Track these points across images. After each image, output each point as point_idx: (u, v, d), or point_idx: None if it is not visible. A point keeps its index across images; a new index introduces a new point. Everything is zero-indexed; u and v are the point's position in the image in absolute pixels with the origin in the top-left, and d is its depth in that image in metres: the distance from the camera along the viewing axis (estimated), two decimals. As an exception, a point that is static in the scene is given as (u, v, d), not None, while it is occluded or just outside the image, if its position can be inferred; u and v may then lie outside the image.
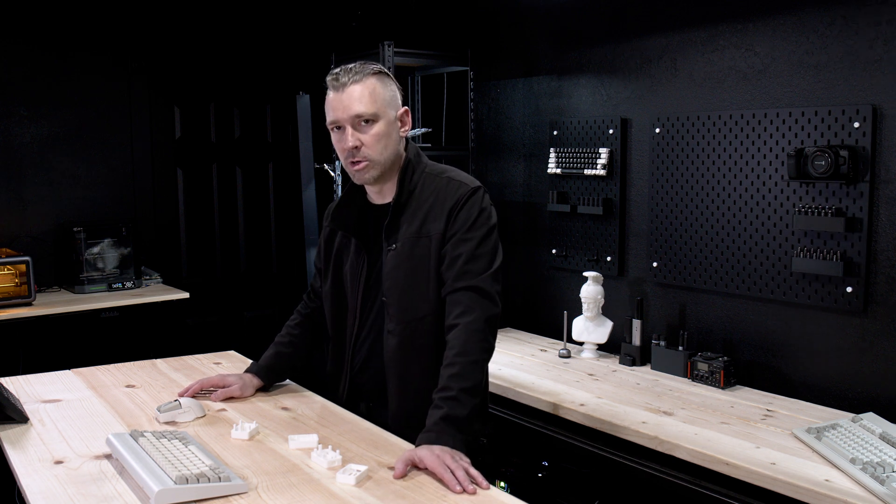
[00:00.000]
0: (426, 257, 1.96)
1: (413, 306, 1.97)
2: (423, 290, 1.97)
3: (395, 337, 1.99)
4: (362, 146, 1.95)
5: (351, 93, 1.93)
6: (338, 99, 1.95)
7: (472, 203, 1.97)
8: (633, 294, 3.21)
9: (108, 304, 3.79)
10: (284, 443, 1.87)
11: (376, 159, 1.97)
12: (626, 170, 3.25)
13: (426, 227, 1.98)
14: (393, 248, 2.00)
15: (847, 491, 1.89)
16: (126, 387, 2.33)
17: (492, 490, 1.62)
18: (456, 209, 1.97)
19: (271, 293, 4.81)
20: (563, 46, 3.51)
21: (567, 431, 2.59)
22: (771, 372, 2.75)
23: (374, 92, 1.95)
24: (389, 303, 2.00)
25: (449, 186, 2.01)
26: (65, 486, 1.61)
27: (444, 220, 1.96)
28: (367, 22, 4.42)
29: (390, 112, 1.98)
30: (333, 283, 2.14)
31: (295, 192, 4.78)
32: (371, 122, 1.95)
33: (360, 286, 2.07)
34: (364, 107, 1.93)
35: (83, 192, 4.22)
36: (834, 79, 2.55)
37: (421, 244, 1.97)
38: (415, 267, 1.97)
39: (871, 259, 2.48)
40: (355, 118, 1.94)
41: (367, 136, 1.95)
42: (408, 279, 1.97)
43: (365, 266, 2.06)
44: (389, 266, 2.00)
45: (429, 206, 1.99)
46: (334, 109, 1.96)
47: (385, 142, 1.97)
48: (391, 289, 1.99)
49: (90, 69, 4.21)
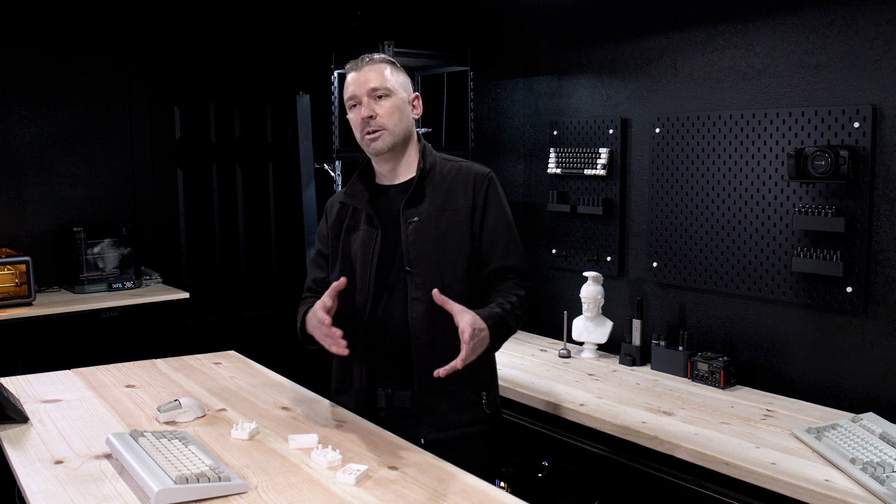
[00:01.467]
0: (454, 228, 2.09)
1: (440, 275, 2.06)
2: (451, 260, 2.08)
3: (423, 304, 2.03)
4: (377, 116, 2.07)
5: (368, 71, 2.10)
6: (355, 77, 2.11)
7: (496, 186, 2.16)
8: (633, 294, 3.21)
9: (108, 304, 3.79)
10: (284, 443, 1.87)
11: (391, 129, 2.09)
12: (626, 170, 3.25)
13: (450, 202, 2.11)
14: (416, 220, 2.08)
15: (847, 491, 1.89)
16: (126, 387, 2.33)
17: (492, 490, 1.62)
18: (480, 188, 2.12)
19: (271, 293, 4.81)
20: (563, 46, 3.51)
21: (567, 431, 2.59)
22: (771, 372, 2.75)
23: (389, 72, 2.12)
24: (416, 272, 2.05)
25: (467, 169, 2.16)
26: (65, 486, 1.61)
27: (471, 196, 2.11)
28: (367, 22, 4.42)
29: (403, 92, 2.13)
30: (342, 263, 2.15)
31: (295, 192, 4.78)
32: (385, 97, 2.09)
33: (372, 260, 2.09)
34: (379, 82, 2.09)
35: (83, 192, 4.22)
36: (834, 79, 2.55)
37: (446, 217, 2.09)
38: (442, 237, 2.08)
39: (871, 259, 2.48)
40: (371, 91, 2.08)
41: (382, 108, 2.08)
42: (436, 249, 2.07)
43: (378, 240, 2.10)
44: (413, 237, 2.07)
45: (448, 185, 2.13)
46: (352, 86, 2.11)
47: (399, 115, 2.10)
48: (417, 258, 2.06)
49: (90, 69, 4.21)
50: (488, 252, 2.11)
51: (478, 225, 2.11)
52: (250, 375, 2.47)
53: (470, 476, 1.69)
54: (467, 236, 2.09)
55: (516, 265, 2.13)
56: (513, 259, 2.13)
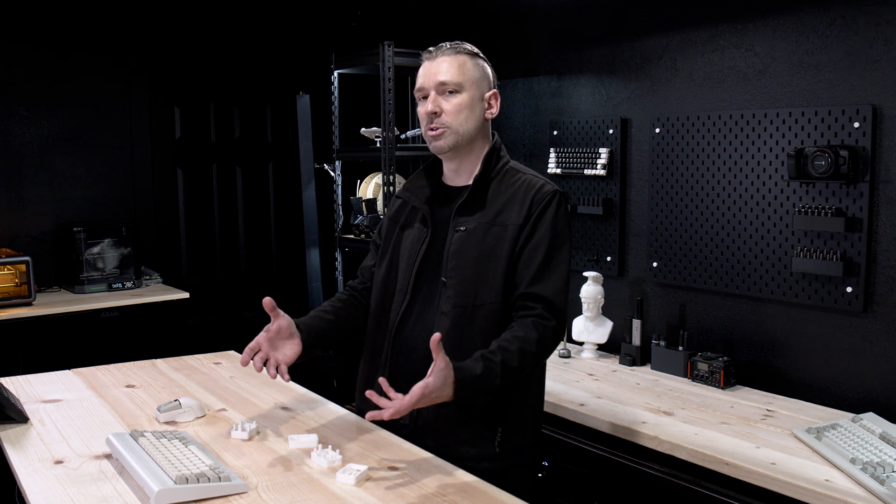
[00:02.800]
0: (499, 247, 1.93)
1: (474, 292, 1.92)
2: (488, 279, 1.92)
3: (449, 320, 1.91)
4: (442, 113, 1.95)
5: (440, 62, 1.97)
6: (427, 68, 1.99)
7: (555, 206, 1.96)
8: (633, 294, 3.21)
9: (108, 304, 3.79)
10: (284, 443, 1.86)
11: (455, 128, 1.96)
12: (626, 170, 3.25)
13: (502, 217, 1.95)
14: (462, 229, 1.95)
15: (847, 491, 1.89)
16: (126, 387, 2.33)
17: (492, 490, 1.62)
18: (537, 206, 1.94)
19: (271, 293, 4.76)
20: (563, 46, 3.51)
21: (567, 431, 2.59)
22: (771, 372, 2.75)
23: (462, 65, 1.98)
24: (449, 284, 1.93)
25: (532, 182, 1.99)
26: (65, 486, 1.61)
27: (525, 214, 1.94)
28: (367, 22, 4.42)
29: (476, 89, 1.99)
30: (391, 259, 2.06)
31: (295, 192, 4.78)
32: (455, 93, 1.96)
33: (416, 262, 1.99)
34: (449, 76, 1.95)
35: (83, 192, 4.22)
36: (834, 79, 2.55)
37: (493, 232, 1.94)
38: (485, 253, 1.93)
39: (871, 259, 2.48)
40: (440, 85, 1.96)
41: (449, 104, 1.96)
42: (475, 264, 1.93)
43: (426, 242, 1.99)
44: (456, 247, 1.95)
45: (508, 196, 1.97)
46: (422, 76, 1.99)
47: (466, 114, 1.97)
48: (454, 270, 1.93)
49: (90, 69, 4.21)
50: (521, 274, 1.92)
51: (520, 245, 1.92)
52: (250, 375, 2.47)
53: (470, 476, 1.69)
54: (508, 254, 1.92)
55: (545, 295, 1.89)
56: (542, 287, 1.90)
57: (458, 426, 1.90)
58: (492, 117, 2.04)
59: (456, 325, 1.90)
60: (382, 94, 3.57)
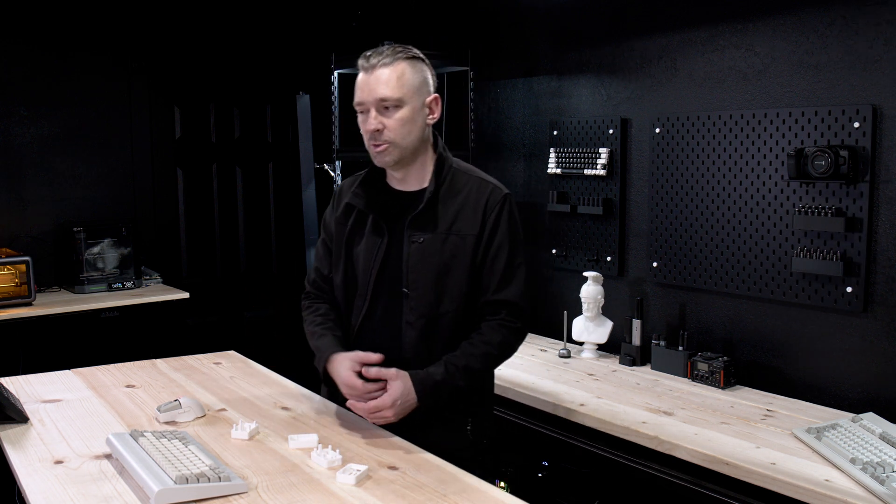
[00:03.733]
0: (458, 257, 1.98)
1: (437, 302, 1.98)
2: (450, 288, 1.98)
3: (415, 330, 1.98)
4: (385, 129, 1.94)
5: (379, 76, 1.93)
6: (365, 81, 1.95)
7: (507, 211, 2.02)
8: (633, 294, 3.21)
9: (108, 304, 3.79)
10: (284, 443, 1.87)
11: (398, 143, 1.96)
12: (626, 170, 3.25)
13: (457, 226, 1.99)
14: (420, 241, 1.99)
15: (847, 491, 1.89)
16: (126, 387, 2.33)
17: (492, 490, 1.62)
18: (491, 213, 2.00)
19: (271, 293, 4.80)
20: (563, 46, 3.51)
21: (567, 431, 2.59)
22: (771, 372, 2.75)
23: (401, 76, 1.93)
24: (412, 296, 1.98)
25: (481, 187, 2.03)
26: (65, 486, 1.61)
27: (479, 222, 1.99)
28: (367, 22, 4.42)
29: (417, 98, 1.96)
30: (346, 263, 2.08)
31: (295, 192, 4.78)
32: (396, 108, 1.94)
33: (374, 268, 2.02)
34: (389, 91, 1.92)
35: (83, 192, 4.22)
36: (834, 79, 2.55)
37: (451, 241, 1.98)
38: (444, 264, 1.98)
39: (871, 259, 2.48)
40: (379, 102, 1.93)
41: (391, 120, 1.94)
42: (436, 275, 1.97)
43: (383, 247, 2.01)
44: (415, 259, 1.98)
45: (459, 204, 2.00)
46: (361, 91, 1.96)
47: (409, 127, 1.96)
48: (416, 282, 1.98)
49: (90, 69, 4.21)
50: (485, 283, 1.99)
51: (481, 253, 1.99)
52: (250, 375, 2.47)
53: (470, 476, 1.69)
54: (469, 264, 1.98)
55: (510, 299, 1.99)
56: (507, 293, 1.99)
57: (434, 420, 1.98)
58: (433, 122, 2.03)
59: (422, 335, 1.98)
60: (382, 94, 3.56)
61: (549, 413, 2.64)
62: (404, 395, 1.87)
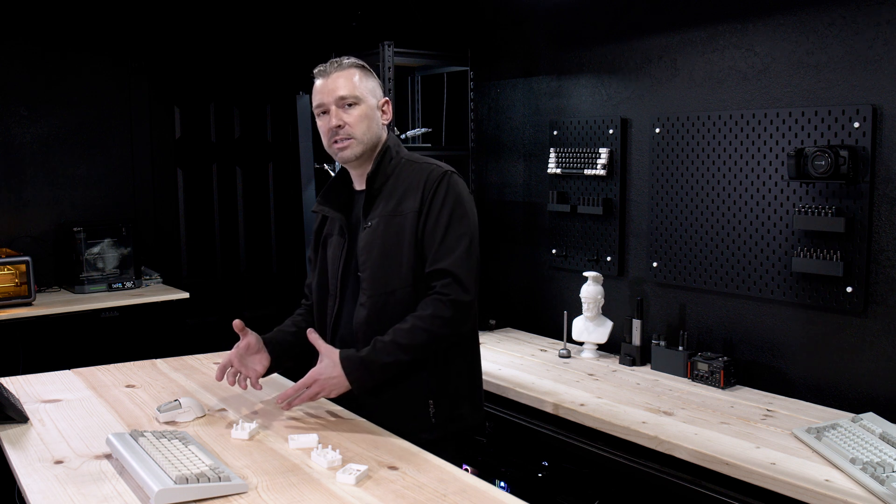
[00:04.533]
0: (400, 234, 2.05)
1: (385, 280, 2.05)
2: (395, 265, 2.05)
3: (365, 309, 2.06)
4: (346, 125, 2.08)
5: (336, 78, 2.11)
6: (323, 85, 2.12)
7: (445, 185, 2.08)
8: (633, 294, 3.21)
9: (108, 304, 3.79)
10: (284, 443, 1.87)
11: (359, 138, 2.09)
12: (626, 170, 3.25)
13: (401, 206, 2.08)
14: (368, 225, 2.09)
15: (847, 491, 1.89)
16: (126, 387, 2.33)
17: (492, 490, 1.62)
18: (430, 188, 2.07)
19: (271, 293, 4.81)
20: (562, 46, 3.51)
21: (567, 431, 2.59)
22: (771, 372, 2.75)
23: (356, 78, 2.11)
24: (363, 277, 2.07)
25: (423, 169, 2.12)
26: (65, 486, 1.61)
27: (419, 198, 2.07)
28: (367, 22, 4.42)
29: (371, 98, 2.12)
30: (321, 270, 2.21)
31: (295, 192, 4.78)
32: (354, 105, 2.09)
33: (339, 266, 2.14)
34: (347, 90, 2.08)
35: (83, 192, 4.22)
36: (834, 79, 2.55)
37: (395, 221, 2.07)
38: (389, 243, 2.06)
39: (871, 259, 2.48)
40: (339, 100, 2.08)
41: (351, 116, 2.08)
42: (382, 254, 2.06)
43: (346, 246, 2.14)
44: (364, 242, 2.09)
45: (405, 187, 2.10)
46: (320, 94, 2.12)
47: (368, 123, 2.10)
48: (365, 263, 2.07)
49: (90, 69, 4.21)
50: (428, 255, 2.04)
51: (421, 227, 2.04)
52: (250, 375, 2.47)
53: (470, 476, 1.69)
54: (412, 239, 2.04)
55: (445, 268, 2.00)
56: (443, 262, 2.00)
57: (393, 404, 2.06)
58: (387, 122, 2.18)
59: (372, 313, 2.05)
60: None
61: (549, 413, 2.64)
62: (328, 370, 1.95)
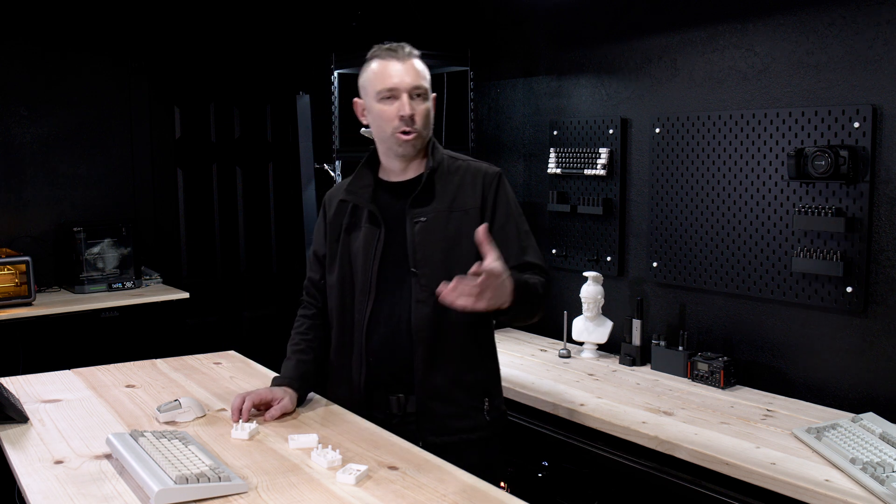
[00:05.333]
0: (464, 230, 2.00)
1: (448, 277, 1.94)
2: (459, 262, 1.97)
3: (428, 307, 1.98)
4: (416, 116, 2.00)
5: (412, 65, 2.01)
6: (395, 67, 2.00)
7: (504, 185, 2.09)
8: (633, 294, 3.21)
9: (108, 304, 3.79)
10: (284, 443, 1.87)
11: (424, 133, 2.04)
12: (626, 170, 3.25)
13: (458, 202, 2.04)
14: (422, 220, 2.02)
15: (847, 491, 1.89)
16: (126, 387, 2.33)
17: (492, 490, 1.62)
18: (490, 187, 2.06)
19: (271, 293, 4.80)
20: (562, 46, 3.51)
21: (567, 431, 2.59)
22: (771, 372, 2.75)
23: (424, 70, 2.04)
24: (421, 273, 1.99)
25: (476, 167, 2.10)
26: (65, 486, 1.61)
27: (479, 196, 2.04)
28: (367, 22, 4.42)
29: (431, 94, 2.07)
30: (341, 265, 2.10)
31: (295, 192, 4.78)
32: (424, 98, 2.03)
33: (374, 260, 2.04)
34: (422, 80, 2.01)
35: (83, 192, 4.22)
36: (834, 79, 2.55)
37: (455, 217, 2.02)
38: (450, 239, 2.01)
39: (871, 259, 2.48)
40: (414, 89, 2.00)
41: (421, 108, 2.01)
42: (444, 251, 2.00)
43: (382, 238, 2.04)
44: (420, 237, 2.01)
45: (457, 184, 2.06)
46: (391, 76, 1.99)
47: (429, 118, 2.05)
48: (424, 260, 2.00)
49: (90, 69, 4.21)
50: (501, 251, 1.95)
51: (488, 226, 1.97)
52: (250, 375, 2.47)
53: (470, 476, 1.69)
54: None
55: (532, 261, 2.05)
56: (530, 256, 2.06)
57: (451, 403, 2.01)
58: None
59: (435, 312, 1.98)
60: (382, 94, 3.57)
61: (549, 413, 2.64)
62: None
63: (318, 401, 2.21)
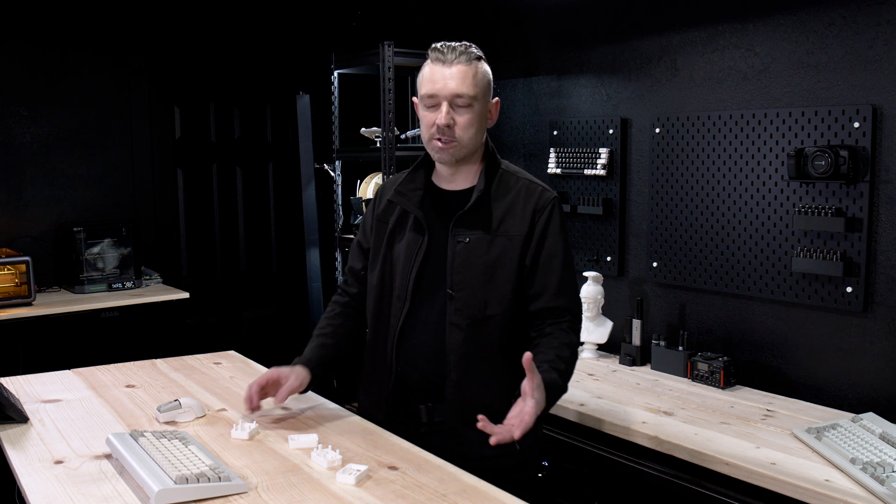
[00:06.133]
0: (505, 258, 1.94)
1: (485, 303, 1.93)
2: (497, 290, 1.93)
3: (462, 331, 1.92)
4: (455, 126, 1.92)
5: (455, 71, 1.91)
6: (439, 72, 1.92)
7: (557, 214, 1.99)
8: (633, 294, 3.21)
9: (108, 304, 3.79)
10: (284, 443, 1.86)
11: (465, 143, 1.94)
12: (626, 170, 3.25)
13: (505, 226, 1.95)
14: (466, 240, 1.94)
15: (847, 491, 1.89)
16: (126, 387, 2.33)
17: (492, 490, 1.62)
18: (540, 215, 1.97)
19: (271, 293, 4.81)
20: (563, 46, 3.51)
21: (567, 431, 2.59)
22: (771, 372, 2.75)
23: (475, 76, 1.94)
24: (458, 297, 1.93)
25: (531, 189, 2.01)
26: (65, 486, 1.61)
27: (528, 223, 1.95)
28: (367, 22, 4.42)
29: (485, 101, 1.97)
30: (384, 262, 2.03)
31: (295, 192, 4.78)
32: (468, 106, 1.92)
33: (413, 268, 1.97)
34: (466, 88, 1.91)
35: (83, 192, 4.22)
36: (834, 79, 2.55)
37: (498, 242, 1.94)
38: (490, 265, 1.93)
39: (871, 259, 2.48)
40: (455, 97, 1.91)
41: (462, 118, 1.92)
42: (482, 276, 1.93)
43: (423, 247, 1.97)
44: (460, 259, 1.94)
45: (507, 204, 1.97)
46: (434, 82, 1.92)
47: (476, 127, 1.95)
48: (461, 283, 1.93)
49: (90, 69, 4.21)
50: (540, 288, 1.95)
51: (531, 256, 1.94)
52: (250, 375, 2.47)
53: (470, 476, 1.69)
54: (516, 265, 1.94)
55: (569, 306, 1.97)
56: (566, 299, 1.97)
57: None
58: (490, 125, 2.04)
59: (468, 337, 1.93)
60: (382, 94, 3.57)
61: (549, 413, 2.63)
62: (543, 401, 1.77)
63: (318, 401, 2.21)
